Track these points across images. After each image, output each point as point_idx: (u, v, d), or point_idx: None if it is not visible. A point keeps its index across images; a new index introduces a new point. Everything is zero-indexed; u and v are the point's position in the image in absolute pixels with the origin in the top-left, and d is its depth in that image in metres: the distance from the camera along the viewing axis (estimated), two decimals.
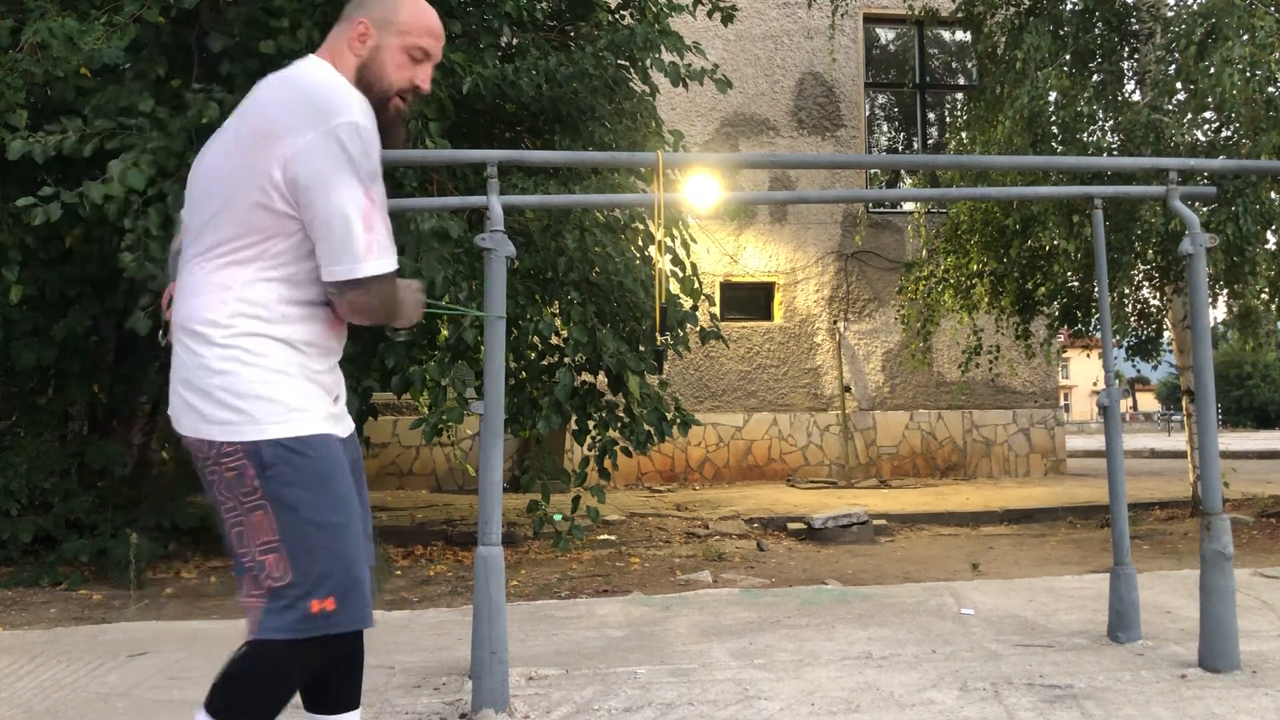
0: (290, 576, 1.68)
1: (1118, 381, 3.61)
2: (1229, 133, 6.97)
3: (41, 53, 4.58)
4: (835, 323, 12.35)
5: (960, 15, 8.23)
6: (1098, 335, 8.27)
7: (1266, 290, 7.49)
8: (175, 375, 1.75)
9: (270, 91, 1.74)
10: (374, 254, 1.69)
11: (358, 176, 1.67)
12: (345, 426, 1.88)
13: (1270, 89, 6.33)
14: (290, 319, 1.73)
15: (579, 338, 5.29)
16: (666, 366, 11.41)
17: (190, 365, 1.71)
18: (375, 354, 5.34)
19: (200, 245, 1.74)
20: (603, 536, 7.37)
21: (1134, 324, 8.38)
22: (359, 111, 1.69)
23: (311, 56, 1.83)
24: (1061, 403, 15.93)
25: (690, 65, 5.61)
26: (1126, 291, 7.39)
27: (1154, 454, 17.76)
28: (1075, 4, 7.79)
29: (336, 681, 1.92)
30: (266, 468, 1.68)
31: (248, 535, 1.70)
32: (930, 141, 13.12)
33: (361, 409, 5.50)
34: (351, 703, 1.94)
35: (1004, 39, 7.72)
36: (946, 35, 13.30)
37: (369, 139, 1.69)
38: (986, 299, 8.53)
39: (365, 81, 1.79)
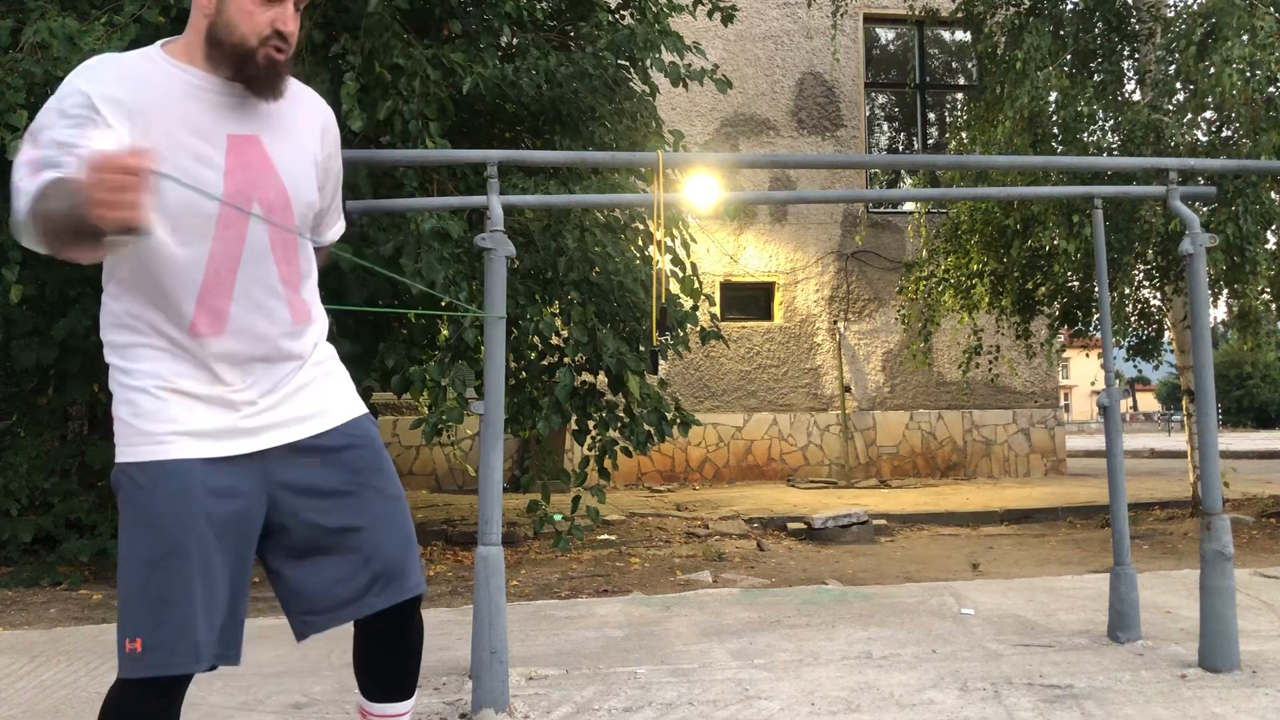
0: (119, 613, 1.63)
1: (1118, 381, 3.61)
2: (1229, 133, 6.97)
3: (41, 53, 4.58)
4: (835, 323, 12.35)
5: (960, 15, 8.24)
6: (1098, 335, 8.27)
7: (1267, 290, 7.49)
8: None
9: None
10: (15, 203, 1.57)
11: (31, 131, 1.60)
12: (271, 437, 1.73)
13: (1270, 89, 6.32)
14: (160, 317, 1.66)
15: (579, 338, 5.29)
16: (666, 366, 11.41)
17: None
18: (375, 354, 5.34)
19: None
20: (603, 536, 7.37)
21: (1134, 324, 8.39)
22: (74, 74, 1.63)
23: None
24: (1061, 403, 15.93)
25: (690, 65, 5.61)
26: (1126, 291, 7.39)
27: (1154, 454, 17.76)
28: (1075, 4, 7.79)
29: (388, 669, 1.91)
30: (115, 491, 1.66)
31: None
32: (930, 141, 13.12)
33: None
34: (405, 691, 1.94)
35: (1004, 39, 7.72)
36: (946, 35, 13.31)
37: (67, 95, 1.60)
38: (987, 299, 8.53)
39: (216, 40, 1.68)
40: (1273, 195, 6.57)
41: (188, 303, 1.66)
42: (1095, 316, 8.18)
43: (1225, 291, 7.44)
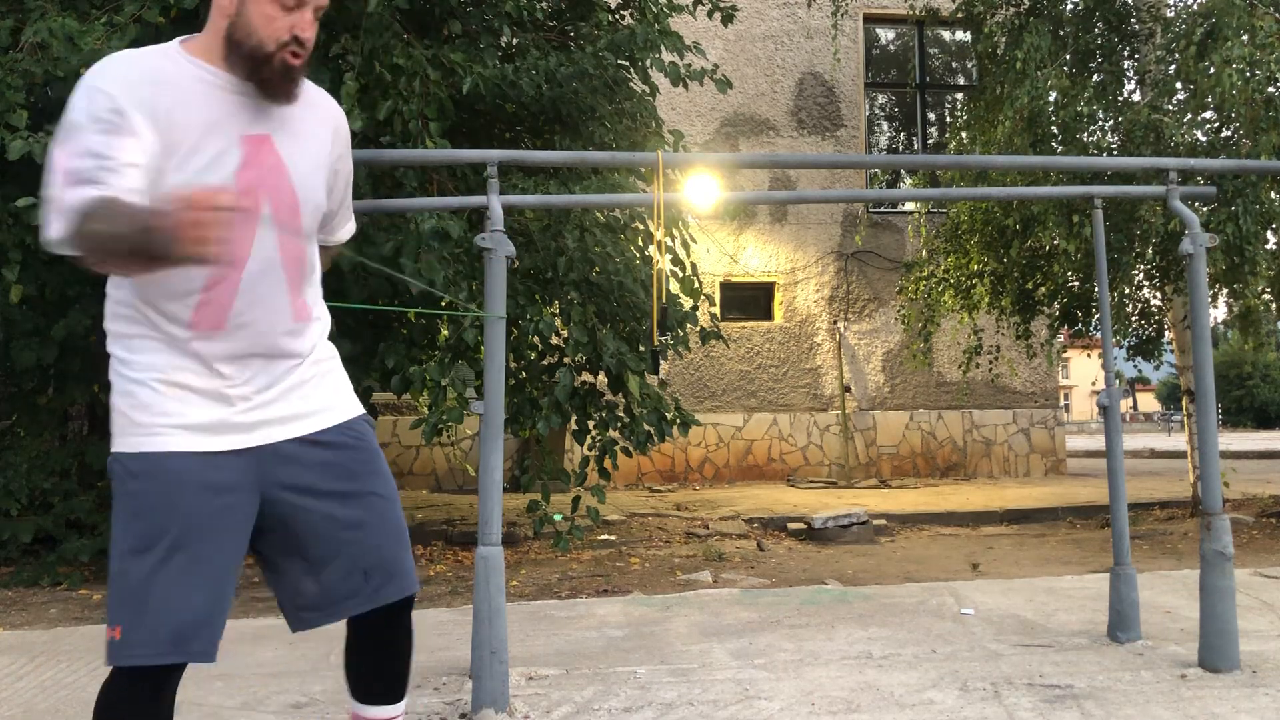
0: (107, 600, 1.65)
1: (1118, 381, 3.62)
2: (1229, 133, 6.96)
3: (41, 53, 4.57)
4: (835, 323, 12.34)
5: (960, 15, 8.23)
6: (1098, 335, 8.27)
7: (1267, 290, 7.49)
8: None
9: None
10: (50, 214, 1.56)
11: (62, 137, 1.59)
12: (266, 433, 1.73)
13: (1270, 89, 6.32)
14: (157, 311, 1.67)
15: (579, 338, 5.29)
16: (666, 366, 11.41)
17: None
18: (375, 354, 5.33)
19: None
20: (603, 536, 7.37)
21: (1134, 324, 8.39)
22: (98, 76, 1.61)
23: None
24: (1061, 403, 15.93)
25: (690, 65, 5.60)
26: (1126, 291, 7.40)
27: (1154, 454, 17.76)
28: (1075, 4, 7.79)
29: (380, 670, 1.92)
30: (110, 480, 1.68)
31: None
32: (930, 141, 13.12)
33: None
34: (396, 695, 1.94)
35: (1004, 39, 7.72)
36: (946, 35, 13.30)
37: (96, 98, 1.59)
38: (987, 299, 8.53)
39: (235, 41, 1.69)
40: (1273, 195, 6.57)
41: (190, 298, 1.67)
42: (1095, 316, 8.18)
43: (1225, 291, 7.44)
